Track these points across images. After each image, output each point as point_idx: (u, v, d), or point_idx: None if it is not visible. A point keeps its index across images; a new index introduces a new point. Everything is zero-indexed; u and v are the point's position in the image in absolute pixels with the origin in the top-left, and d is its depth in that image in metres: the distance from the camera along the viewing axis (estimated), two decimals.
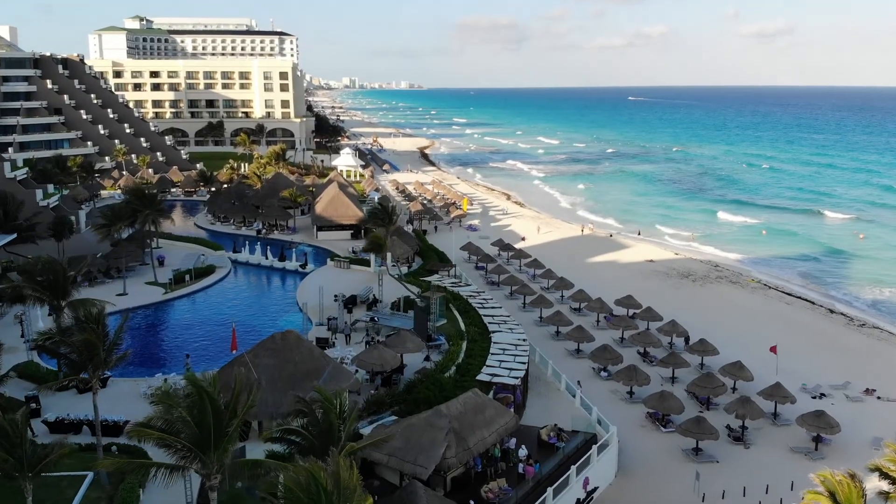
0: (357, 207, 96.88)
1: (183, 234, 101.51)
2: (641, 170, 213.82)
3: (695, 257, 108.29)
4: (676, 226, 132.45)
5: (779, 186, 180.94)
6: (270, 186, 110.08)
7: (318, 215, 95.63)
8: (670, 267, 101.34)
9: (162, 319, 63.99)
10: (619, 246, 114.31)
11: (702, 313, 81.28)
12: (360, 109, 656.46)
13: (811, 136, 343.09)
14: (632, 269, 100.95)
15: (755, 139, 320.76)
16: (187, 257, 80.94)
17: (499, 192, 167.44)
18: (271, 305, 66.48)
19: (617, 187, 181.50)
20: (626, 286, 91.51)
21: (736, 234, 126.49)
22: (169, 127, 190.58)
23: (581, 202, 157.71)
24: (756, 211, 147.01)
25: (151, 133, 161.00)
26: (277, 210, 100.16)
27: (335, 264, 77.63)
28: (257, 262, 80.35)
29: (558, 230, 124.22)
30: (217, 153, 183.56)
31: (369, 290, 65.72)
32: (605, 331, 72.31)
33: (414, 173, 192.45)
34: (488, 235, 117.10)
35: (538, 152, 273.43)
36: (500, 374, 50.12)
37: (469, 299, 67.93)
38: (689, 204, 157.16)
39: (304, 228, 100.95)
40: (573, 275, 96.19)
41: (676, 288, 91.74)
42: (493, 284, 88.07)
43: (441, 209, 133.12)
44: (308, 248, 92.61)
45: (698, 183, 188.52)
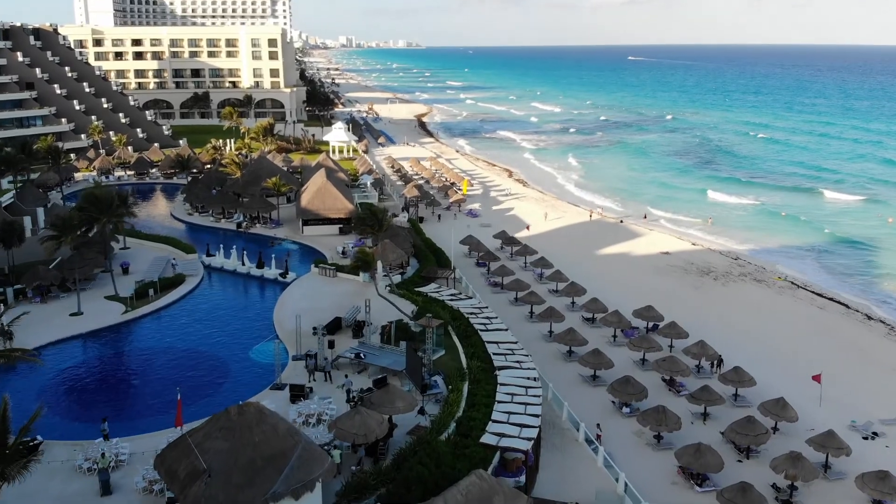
0: (346, 199, 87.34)
1: (156, 227, 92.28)
2: (636, 141, 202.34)
3: (713, 248, 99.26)
4: (679, 208, 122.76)
5: (781, 161, 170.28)
6: (253, 172, 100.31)
7: (304, 208, 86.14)
8: (688, 261, 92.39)
9: (117, 349, 55.01)
10: (631, 234, 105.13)
11: (728, 321, 72.63)
12: (355, 71, 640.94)
13: (813, 101, 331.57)
14: (646, 263, 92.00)
15: (755, 105, 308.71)
16: (155, 263, 71.76)
17: (500, 169, 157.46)
18: (244, 329, 57.41)
19: (612, 162, 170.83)
20: (642, 286, 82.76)
21: (751, 219, 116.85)
22: (152, 98, 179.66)
23: (577, 180, 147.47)
24: (763, 191, 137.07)
25: (131, 108, 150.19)
26: (260, 201, 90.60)
27: (319, 272, 68.51)
28: (233, 269, 71.11)
29: (565, 215, 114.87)
30: (203, 126, 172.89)
31: (356, 311, 56.74)
32: (622, 347, 63.63)
33: (411, 147, 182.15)
34: (490, 223, 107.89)
35: (532, 120, 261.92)
36: (509, 432, 41.44)
37: (470, 318, 58.99)
38: (687, 182, 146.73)
39: (289, 220, 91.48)
40: (583, 270, 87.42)
41: (697, 288, 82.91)
42: (495, 286, 79.16)
43: (439, 191, 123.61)
44: (292, 245, 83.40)
45: (697, 157, 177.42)
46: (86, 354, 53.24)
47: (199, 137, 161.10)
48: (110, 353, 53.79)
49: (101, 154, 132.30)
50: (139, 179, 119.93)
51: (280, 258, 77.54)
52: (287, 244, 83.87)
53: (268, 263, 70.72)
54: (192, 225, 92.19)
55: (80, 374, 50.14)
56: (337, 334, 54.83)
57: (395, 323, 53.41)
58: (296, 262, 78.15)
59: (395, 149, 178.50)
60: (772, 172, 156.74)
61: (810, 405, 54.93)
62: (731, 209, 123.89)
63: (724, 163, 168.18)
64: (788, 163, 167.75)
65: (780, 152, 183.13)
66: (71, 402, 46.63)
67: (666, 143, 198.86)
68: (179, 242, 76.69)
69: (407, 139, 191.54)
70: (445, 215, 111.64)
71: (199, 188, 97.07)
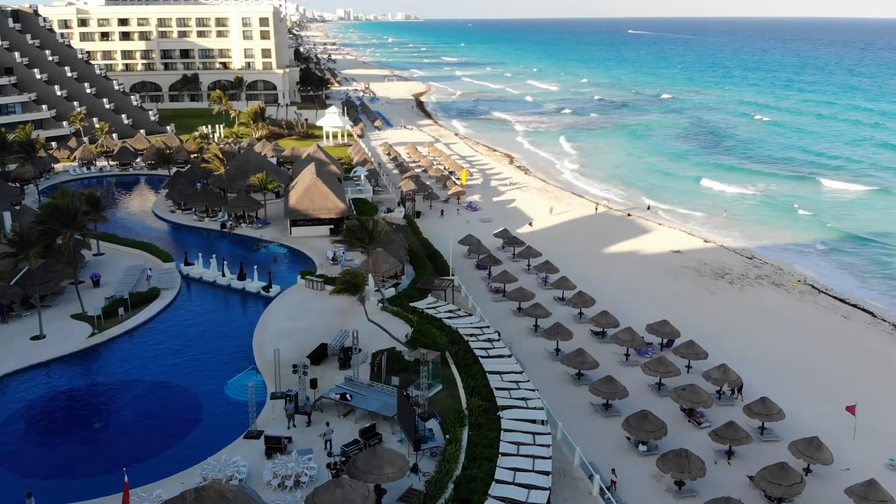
0: (338, 197, 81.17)
1: (136, 226, 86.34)
2: (634, 124, 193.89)
3: (726, 245, 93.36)
4: (685, 200, 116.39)
5: (784, 146, 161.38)
6: (239, 166, 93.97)
7: (292, 208, 79.99)
8: (701, 260, 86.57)
9: (77, 383, 49.16)
10: (639, 230, 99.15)
11: (747, 334, 66.97)
12: (351, 45, 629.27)
13: (813, 77, 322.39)
14: (657, 263, 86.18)
15: (755, 84, 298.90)
16: (129, 273, 65.84)
17: (500, 155, 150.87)
18: (220, 356, 51.64)
19: (610, 146, 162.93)
20: (653, 290, 77.04)
21: (760, 212, 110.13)
22: (140, 80, 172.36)
23: (576, 168, 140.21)
24: (768, 180, 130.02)
25: (115, 92, 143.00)
26: (245, 199, 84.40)
27: (306, 284, 62.63)
28: (212, 280, 65.13)
29: (569, 207, 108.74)
30: (192, 110, 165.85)
31: (343, 336, 50.99)
32: (635, 368, 58.05)
33: (409, 130, 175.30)
34: (490, 218, 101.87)
35: (527, 100, 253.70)
36: (515, 496, 35.96)
37: (470, 342, 53.36)
38: (687, 169, 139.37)
39: (277, 218, 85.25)
40: (590, 272, 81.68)
41: (712, 293, 77.16)
42: (496, 293, 73.44)
43: (437, 182, 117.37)
44: (280, 249, 77.46)
45: (697, 141, 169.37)
46: (41, 390, 47.38)
47: (187, 122, 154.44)
48: (69, 389, 47.90)
49: (83, 143, 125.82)
50: (122, 170, 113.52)
51: (267, 262, 71.93)
52: (274, 247, 77.91)
53: (250, 274, 64.74)
54: (174, 224, 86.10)
55: (33, 416, 44.53)
56: (322, 364, 49.16)
57: (386, 353, 47.68)
58: (283, 267, 72.47)
59: (391, 132, 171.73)
60: (775, 159, 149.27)
61: (843, 438, 49.58)
62: (736, 200, 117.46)
63: (726, 149, 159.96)
64: (791, 147, 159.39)
65: (781, 136, 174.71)
66: (15, 452, 41.00)
67: (664, 126, 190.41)
68: (156, 249, 70.66)
69: (404, 122, 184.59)
70: (444, 209, 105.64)
71: (181, 183, 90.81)
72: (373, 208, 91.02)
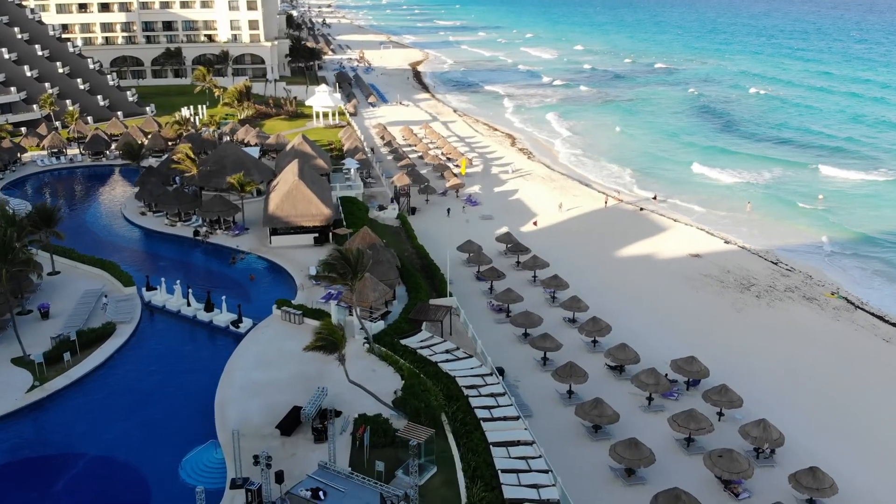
0: (323, 202, 72.41)
1: (101, 231, 77.88)
2: (627, 98, 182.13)
3: (748, 247, 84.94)
4: (691, 189, 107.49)
5: (790, 127, 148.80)
6: (216, 161, 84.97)
7: (272, 215, 71.31)
8: (723, 267, 78.26)
9: (7, 458, 41.19)
10: (653, 227, 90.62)
11: (781, 366, 58.96)
12: (346, 7, 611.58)
13: (815, 44, 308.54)
14: (675, 269, 77.90)
15: (755, 52, 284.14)
16: (83, 301, 57.47)
17: (502, 136, 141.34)
18: (178, 419, 43.61)
19: (601, 125, 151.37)
20: (674, 307, 68.91)
21: (780, 204, 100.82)
22: (120, 55, 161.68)
23: (576, 152, 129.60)
24: (770, 166, 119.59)
25: (91, 72, 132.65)
26: (220, 202, 75.60)
27: (282, 316, 54.37)
28: (176, 310, 56.80)
29: (577, 202, 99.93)
30: (175, 87, 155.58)
31: (321, 396, 42.95)
32: (658, 415, 50.32)
33: (405, 107, 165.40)
34: (492, 214, 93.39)
35: (519, 69, 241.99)
36: None
37: (471, 397, 45.40)
38: (685, 153, 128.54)
39: (258, 222, 76.39)
40: (601, 283, 73.64)
41: (739, 310, 68.97)
42: (499, 313, 65.42)
43: (435, 171, 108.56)
44: (257, 263, 69.03)
45: (693, 120, 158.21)
46: None
47: (170, 101, 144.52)
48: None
49: (57, 125, 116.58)
50: (94, 160, 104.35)
51: (244, 278, 63.91)
52: (252, 259, 69.49)
53: (219, 303, 56.30)
54: (143, 230, 77.39)
55: None
56: (294, 434, 41.17)
57: (369, 427, 39.63)
58: (260, 284, 64.19)
59: (386, 109, 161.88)
60: (790, 140, 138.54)
61: None
62: (752, 190, 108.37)
63: (731, 129, 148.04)
64: (794, 129, 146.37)
65: (786, 112, 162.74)
66: None
67: (658, 101, 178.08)
68: (117, 269, 62.08)
69: (400, 97, 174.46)
70: (442, 203, 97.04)
71: (152, 182, 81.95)
72: (363, 208, 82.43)
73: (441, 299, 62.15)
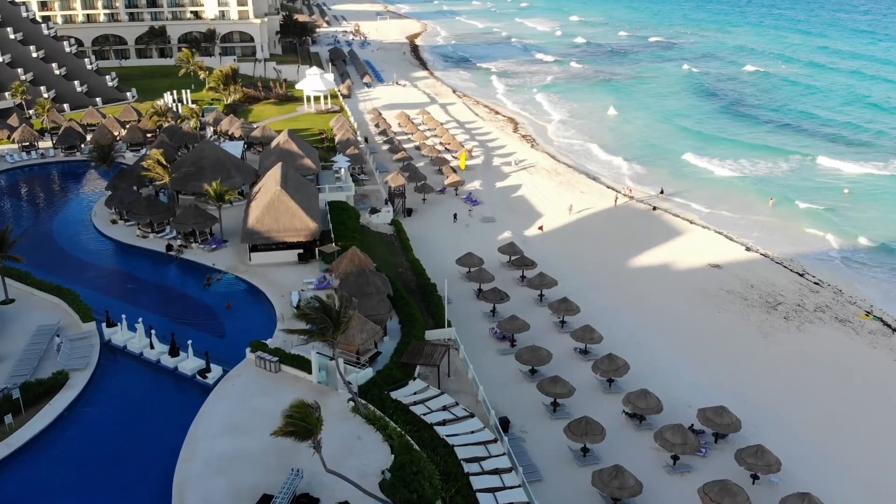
0: (308, 214, 65.00)
1: (66, 244, 70.66)
2: (623, 77, 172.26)
3: (770, 255, 77.80)
4: (686, 181, 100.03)
5: (799, 110, 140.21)
6: (194, 162, 77.38)
7: (252, 230, 64.03)
8: (745, 280, 71.20)
9: None
10: (667, 231, 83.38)
11: (818, 404, 52.54)
12: None
13: (822, 16, 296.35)
14: (694, 282, 70.84)
15: (754, 22, 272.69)
16: (35, 341, 50.46)
17: (503, 120, 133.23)
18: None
19: (595, 107, 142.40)
20: (695, 332, 62.06)
21: (801, 201, 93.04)
22: (102, 34, 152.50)
23: (569, 137, 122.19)
24: (800, 156, 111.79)
25: (67, 55, 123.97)
26: (196, 213, 68.17)
27: (256, 362, 47.48)
28: (138, 352, 49.87)
29: (585, 199, 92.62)
30: (160, 68, 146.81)
31: (296, 479, 36.30)
32: (685, 477, 43.83)
33: (401, 87, 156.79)
34: (493, 216, 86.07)
35: (512, 42, 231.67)
36: None
37: (471, 475, 38.75)
38: (686, 142, 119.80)
39: (237, 232, 68.64)
40: (615, 299, 66.94)
41: (766, 334, 62.09)
42: (502, 341, 58.60)
43: (433, 164, 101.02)
44: (236, 284, 61.95)
45: (695, 101, 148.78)
46: None
47: (153, 84, 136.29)
48: None
49: (30, 114, 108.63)
50: (68, 156, 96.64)
51: (219, 305, 57.03)
52: (228, 280, 62.39)
53: (183, 347, 49.21)
54: (113, 242, 70.12)
55: None
56: None
57: None
58: (237, 313, 57.27)
59: (382, 90, 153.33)
60: (796, 130, 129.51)
61: None
62: (772, 181, 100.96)
63: (727, 112, 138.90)
64: (798, 113, 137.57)
65: (784, 94, 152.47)
66: None
67: (654, 80, 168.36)
68: (76, 300, 54.99)
69: (396, 75, 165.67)
70: (440, 202, 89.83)
71: (123, 188, 74.51)
72: (354, 215, 75.07)
73: (438, 330, 55.42)
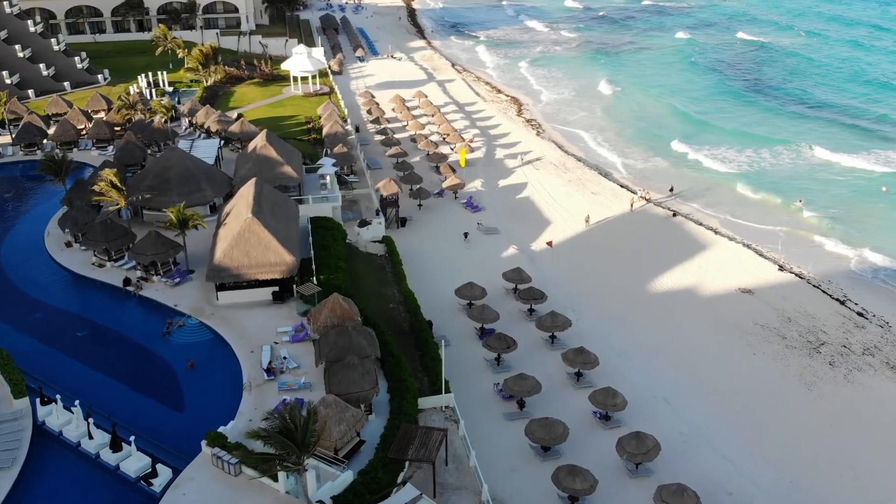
0: (284, 245, 55.53)
1: (13, 274, 61.37)
2: (612, 46, 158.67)
3: (806, 274, 68.74)
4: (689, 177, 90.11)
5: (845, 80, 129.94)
6: (158, 173, 67.58)
7: (219, 266, 54.65)
8: (781, 311, 62.38)
9: None
10: (691, 243, 74.24)
11: (881, 487, 44.43)
12: None
13: None
14: (724, 314, 62.17)
15: None
16: None
17: (506, 101, 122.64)
18: None
19: (586, 83, 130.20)
20: (727, 380, 53.58)
21: (836, 205, 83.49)
22: (76, 4, 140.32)
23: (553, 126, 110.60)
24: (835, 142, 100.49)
25: (32, 35, 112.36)
26: (156, 241, 58.63)
27: (213, 460, 38.73)
28: (75, 442, 41.16)
29: (596, 200, 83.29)
30: (137, 43, 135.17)
31: None
32: None
33: (397, 60, 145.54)
34: (497, 227, 76.80)
35: (503, 4, 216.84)
36: None
37: None
38: (682, 125, 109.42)
39: (206, 258, 58.90)
40: (633, 336, 58.68)
41: (809, 385, 53.73)
42: (509, 399, 50.14)
43: (430, 160, 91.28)
44: (200, 331, 52.98)
45: (685, 75, 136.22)
46: None
47: (129, 62, 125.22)
48: None
49: None
50: (28, 154, 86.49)
51: (181, 363, 48.27)
52: (192, 326, 53.38)
53: (125, 437, 40.23)
54: (65, 272, 60.81)
55: None
56: None
57: None
58: (200, 376, 48.48)
59: (376, 64, 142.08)
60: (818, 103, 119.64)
61: None
62: (796, 178, 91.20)
63: (730, 92, 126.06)
64: (815, 91, 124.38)
65: (825, 68, 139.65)
66: None
67: (646, 53, 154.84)
68: (8, 365, 45.91)
69: (391, 47, 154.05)
70: (437, 207, 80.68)
71: (78, 206, 64.80)
72: (339, 235, 65.66)
73: (435, 397, 46.82)
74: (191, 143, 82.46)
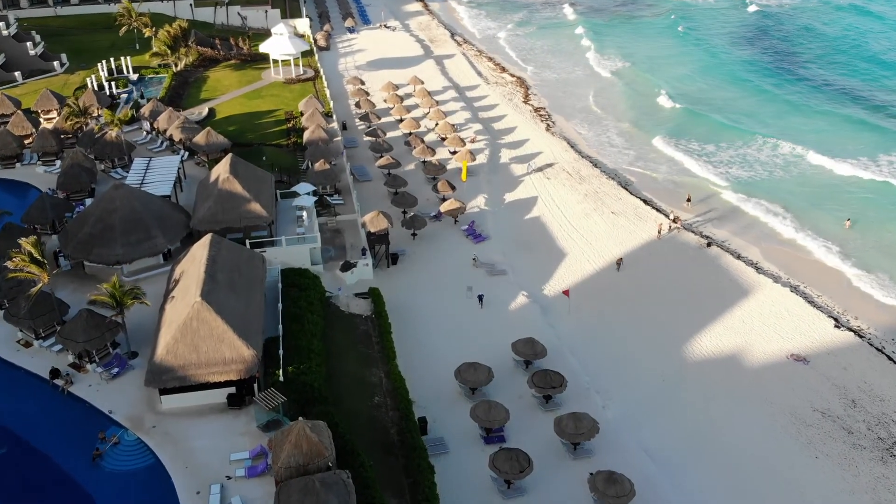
0: (241, 336, 43.96)
1: None
2: (600, 20, 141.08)
3: (865, 331, 57.34)
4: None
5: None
6: (102, 216, 55.47)
7: (160, 366, 43.14)
8: (842, 388, 52.39)
9: None
10: (731, 286, 62.82)
11: None
12: None
13: None
14: (776, 392, 51.25)
15: None
16: None
17: (512, 83, 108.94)
18: None
19: (573, 62, 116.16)
20: (784, 486, 42.91)
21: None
22: None
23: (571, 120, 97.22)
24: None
25: None
26: (89, 323, 46.96)
27: None
28: None
29: (617, 223, 71.30)
30: (102, 18, 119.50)
31: None
32: None
33: (391, 31, 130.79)
34: (505, 268, 64.70)
35: None
36: None
37: None
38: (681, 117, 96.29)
39: (149, 334, 47.56)
40: (672, 436, 47.65)
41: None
42: None
43: (426, 172, 78.65)
44: (138, 453, 42.00)
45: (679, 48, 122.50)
46: None
47: (91, 42, 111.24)
48: None
49: None
50: None
51: None
52: (129, 444, 42.38)
53: None
54: None
55: None
56: None
57: None
58: None
59: (367, 36, 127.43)
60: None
61: None
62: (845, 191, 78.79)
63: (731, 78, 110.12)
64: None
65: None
66: None
67: (641, 21, 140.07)
68: None
69: (385, 14, 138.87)
70: (433, 236, 68.70)
71: (4, 266, 52.97)
72: (315, 296, 53.99)
73: None
74: (148, 161, 69.94)
